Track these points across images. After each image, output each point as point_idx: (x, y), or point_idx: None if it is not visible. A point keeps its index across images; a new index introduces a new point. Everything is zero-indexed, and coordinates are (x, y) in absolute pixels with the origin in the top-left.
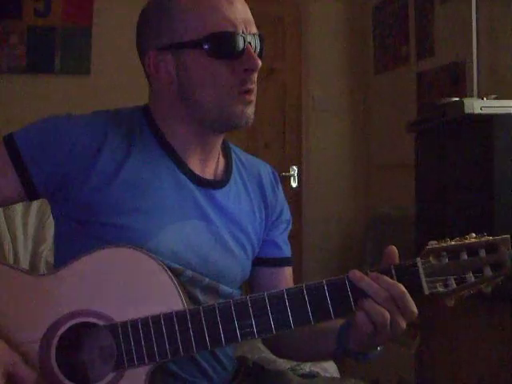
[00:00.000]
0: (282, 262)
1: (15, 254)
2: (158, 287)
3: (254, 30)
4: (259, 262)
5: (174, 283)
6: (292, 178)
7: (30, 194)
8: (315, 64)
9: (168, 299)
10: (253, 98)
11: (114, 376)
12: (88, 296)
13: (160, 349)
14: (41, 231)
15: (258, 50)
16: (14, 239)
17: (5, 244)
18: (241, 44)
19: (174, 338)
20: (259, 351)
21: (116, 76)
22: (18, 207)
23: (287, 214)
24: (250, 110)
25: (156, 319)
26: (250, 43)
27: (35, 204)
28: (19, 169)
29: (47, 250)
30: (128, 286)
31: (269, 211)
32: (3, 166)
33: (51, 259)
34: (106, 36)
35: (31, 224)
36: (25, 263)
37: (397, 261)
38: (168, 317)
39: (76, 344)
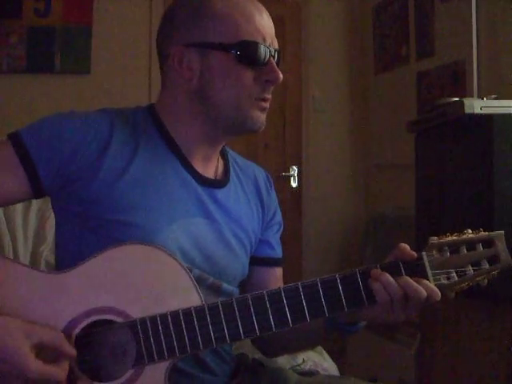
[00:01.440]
0: (274, 262)
1: (15, 254)
2: (176, 283)
3: (277, 45)
4: (253, 260)
5: (191, 279)
6: (292, 178)
7: (37, 191)
8: (315, 64)
9: (185, 295)
10: (268, 105)
11: (134, 372)
12: (105, 293)
13: (180, 344)
14: (41, 231)
15: (276, 62)
16: (14, 239)
17: (5, 244)
18: (267, 56)
19: (194, 333)
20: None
21: (116, 76)
22: (18, 207)
23: (279, 216)
24: (264, 117)
25: (175, 315)
26: (273, 56)
27: (35, 204)
28: (27, 166)
29: (47, 250)
30: (145, 282)
31: (265, 211)
32: (11, 163)
33: (51, 259)
34: (106, 36)
35: (31, 224)
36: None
37: (408, 253)
38: (187, 312)
39: (93, 342)
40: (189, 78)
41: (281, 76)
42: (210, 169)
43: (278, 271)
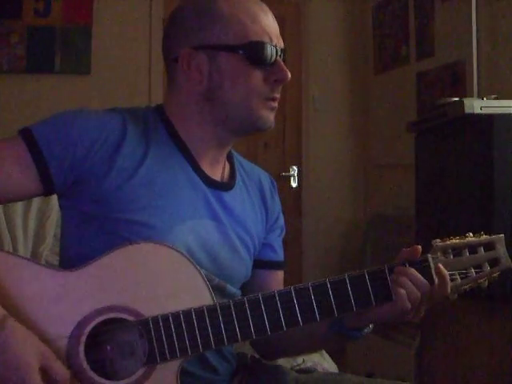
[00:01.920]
0: (276, 266)
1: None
2: (188, 282)
3: (283, 44)
4: (256, 263)
5: (203, 278)
6: (292, 178)
7: (47, 189)
8: (315, 64)
9: (198, 294)
10: (276, 105)
11: (145, 371)
12: (117, 292)
13: (192, 342)
14: (41, 231)
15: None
16: (14, 239)
17: (5, 244)
18: (274, 55)
19: (206, 332)
20: None
21: (116, 76)
22: (18, 207)
23: (282, 221)
24: (273, 116)
25: (187, 313)
26: (280, 56)
27: (35, 204)
28: (38, 163)
29: (47, 250)
30: (157, 280)
31: (268, 215)
32: (22, 160)
33: (51, 259)
34: (106, 36)
35: (31, 224)
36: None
37: (410, 251)
38: (199, 311)
39: (105, 340)
40: (198, 80)
41: (289, 74)
42: (217, 171)
43: (280, 274)
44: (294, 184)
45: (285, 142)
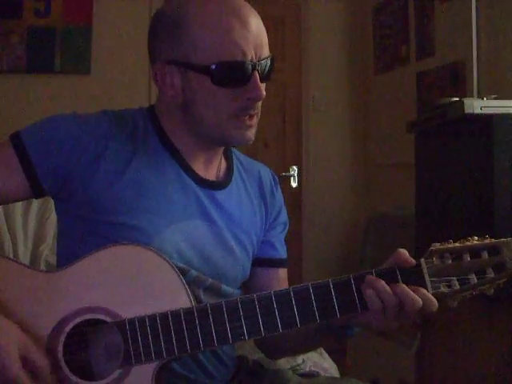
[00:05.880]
0: (277, 263)
1: (15, 253)
2: (166, 284)
3: (265, 53)
4: (256, 261)
5: (182, 280)
6: (292, 178)
7: (36, 191)
8: (315, 64)
9: (175, 296)
10: (254, 122)
11: (121, 373)
12: (96, 293)
13: (167, 346)
14: (41, 231)
15: (265, 72)
16: (14, 239)
17: (5, 244)
18: (248, 72)
19: (182, 335)
20: (259, 352)
21: (116, 76)
22: (18, 207)
23: (284, 217)
24: (250, 132)
25: (163, 316)
26: (258, 70)
27: (35, 204)
28: (25, 166)
29: (47, 250)
30: (136, 283)
31: (268, 212)
32: (10, 163)
33: (51, 259)
34: (106, 36)
35: (31, 224)
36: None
37: (406, 259)
38: (175, 314)
39: (83, 340)
40: (172, 94)
41: (262, 93)
42: (212, 170)
43: (282, 272)
44: (294, 184)
45: (285, 142)
